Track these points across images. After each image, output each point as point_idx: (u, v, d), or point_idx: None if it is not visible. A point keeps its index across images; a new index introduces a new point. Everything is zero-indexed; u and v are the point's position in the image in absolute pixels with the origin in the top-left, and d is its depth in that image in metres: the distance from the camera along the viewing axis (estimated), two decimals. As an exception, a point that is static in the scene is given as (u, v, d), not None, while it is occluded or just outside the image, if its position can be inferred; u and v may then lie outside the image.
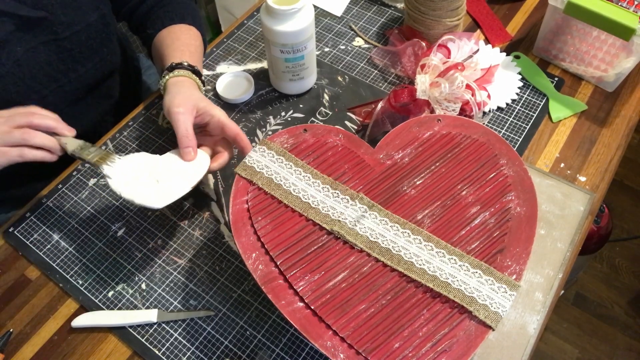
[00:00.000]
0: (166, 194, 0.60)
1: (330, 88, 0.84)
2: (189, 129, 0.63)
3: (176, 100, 0.64)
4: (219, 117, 0.65)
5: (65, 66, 0.73)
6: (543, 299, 0.62)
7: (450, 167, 0.61)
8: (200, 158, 0.64)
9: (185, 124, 0.63)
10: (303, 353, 0.60)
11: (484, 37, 0.89)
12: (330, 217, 0.57)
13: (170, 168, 0.63)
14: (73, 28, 0.71)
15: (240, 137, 0.65)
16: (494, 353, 0.59)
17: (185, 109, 0.63)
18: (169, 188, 0.61)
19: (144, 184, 0.61)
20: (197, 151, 0.64)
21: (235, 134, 0.65)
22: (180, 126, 0.62)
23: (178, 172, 0.62)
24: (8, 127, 0.59)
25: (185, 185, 0.61)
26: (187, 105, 0.63)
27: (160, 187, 0.61)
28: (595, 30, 0.76)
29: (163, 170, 0.62)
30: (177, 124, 0.63)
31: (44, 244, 0.69)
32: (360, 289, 0.53)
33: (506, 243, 0.55)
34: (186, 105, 0.63)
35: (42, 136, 0.61)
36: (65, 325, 0.63)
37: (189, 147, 0.63)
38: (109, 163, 0.62)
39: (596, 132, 0.77)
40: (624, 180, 1.75)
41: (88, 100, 0.80)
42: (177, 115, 0.62)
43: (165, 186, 0.61)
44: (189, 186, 0.61)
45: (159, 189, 0.60)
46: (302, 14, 0.71)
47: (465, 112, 0.73)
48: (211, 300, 0.64)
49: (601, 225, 1.29)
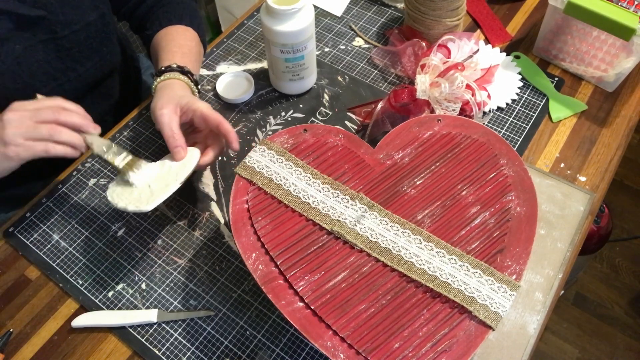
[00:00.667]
0: (154, 195, 0.60)
1: (330, 88, 0.84)
2: (174, 128, 0.63)
3: (159, 103, 0.64)
4: (201, 110, 0.64)
5: (64, 65, 0.73)
6: (543, 299, 0.62)
7: (450, 167, 0.61)
8: (190, 155, 0.64)
9: (170, 124, 0.62)
10: (303, 353, 0.60)
11: (484, 37, 0.89)
12: (330, 217, 0.57)
13: (160, 171, 0.63)
14: (72, 27, 0.71)
15: (222, 125, 0.64)
16: (494, 353, 0.59)
17: (168, 110, 0.63)
18: (158, 190, 0.61)
19: (137, 190, 0.61)
20: (187, 149, 0.64)
21: (217, 123, 0.64)
22: (164, 128, 0.63)
23: (168, 172, 0.63)
24: (34, 121, 0.58)
25: (173, 183, 0.61)
26: (169, 106, 0.63)
27: (151, 190, 0.61)
28: (595, 30, 0.76)
29: (154, 175, 0.63)
30: (162, 126, 0.63)
31: (44, 244, 0.69)
32: (360, 289, 0.53)
33: (506, 243, 0.55)
34: (169, 106, 0.63)
35: (68, 133, 0.59)
36: (65, 325, 0.63)
37: (177, 147, 0.63)
38: (136, 170, 0.62)
39: (596, 132, 0.77)
40: (624, 180, 1.75)
41: (88, 100, 0.80)
42: (161, 118, 0.63)
43: (155, 188, 0.61)
44: (176, 183, 0.61)
45: (150, 191, 0.61)
46: (302, 14, 0.71)
47: (465, 112, 0.73)
48: (211, 300, 0.64)
49: (601, 225, 1.29)
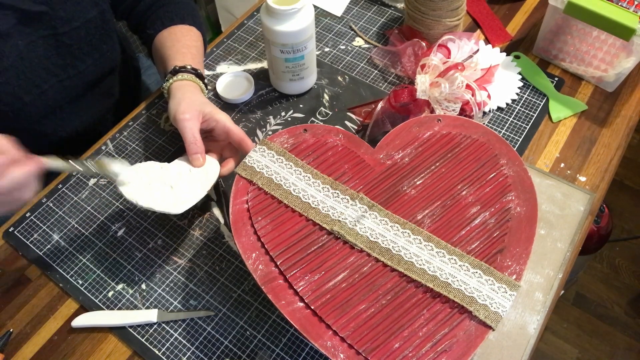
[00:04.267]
0: (183, 199, 0.60)
1: (330, 88, 0.84)
2: (196, 135, 0.63)
3: (181, 107, 0.64)
4: (224, 123, 0.65)
5: (63, 61, 0.73)
6: (543, 299, 0.62)
7: (450, 167, 0.61)
8: (210, 163, 0.65)
9: (192, 130, 0.63)
10: (303, 353, 0.60)
11: (484, 37, 0.89)
12: (330, 217, 0.57)
13: (181, 174, 0.63)
14: (72, 24, 0.71)
15: (245, 142, 0.65)
16: (494, 353, 0.59)
17: (191, 115, 0.63)
18: (184, 194, 0.61)
19: (159, 191, 0.61)
20: (205, 157, 0.64)
21: (240, 139, 0.65)
22: (187, 133, 0.63)
23: (190, 178, 0.63)
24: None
25: (200, 190, 0.62)
26: (192, 112, 0.64)
27: (175, 193, 0.61)
28: (595, 30, 0.76)
29: (175, 177, 0.63)
30: (184, 131, 0.63)
31: (44, 244, 0.69)
32: (360, 289, 0.53)
33: (506, 243, 0.55)
34: (192, 112, 0.63)
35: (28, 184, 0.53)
36: (65, 325, 0.63)
37: (197, 154, 0.63)
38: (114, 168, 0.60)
39: (596, 132, 0.77)
40: (624, 180, 1.75)
41: (88, 98, 0.80)
42: (183, 122, 0.63)
43: (179, 192, 0.61)
44: (203, 191, 0.62)
45: (175, 194, 0.61)
46: (302, 14, 0.71)
47: (465, 112, 0.73)
48: (211, 300, 0.64)
49: (601, 225, 1.29)
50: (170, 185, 0.61)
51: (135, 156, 0.77)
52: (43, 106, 0.73)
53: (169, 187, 0.61)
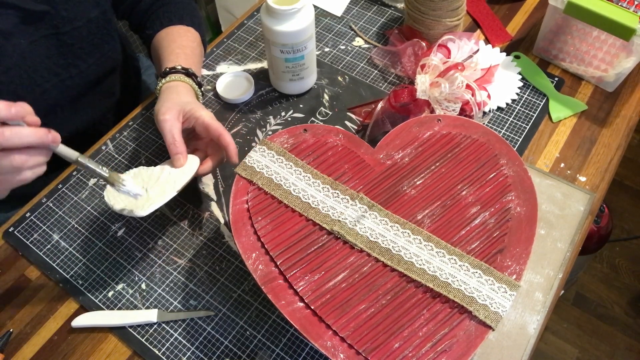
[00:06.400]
0: (151, 201, 0.60)
1: (330, 88, 0.84)
2: (176, 135, 0.63)
3: (162, 108, 0.64)
4: (204, 119, 0.64)
5: (65, 61, 0.73)
6: (543, 299, 0.62)
7: (450, 167, 0.61)
8: (189, 163, 0.64)
9: (172, 131, 0.63)
10: (303, 353, 0.60)
11: (484, 37, 0.89)
12: (330, 217, 0.57)
13: (159, 176, 0.63)
14: (74, 23, 0.71)
15: (223, 137, 0.64)
16: (494, 353, 0.59)
17: (171, 116, 0.63)
18: (155, 196, 0.61)
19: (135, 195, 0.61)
20: (187, 157, 0.64)
21: (219, 134, 0.64)
22: (166, 134, 0.63)
23: (167, 178, 0.63)
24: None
25: (171, 191, 0.61)
26: (172, 112, 0.63)
27: (149, 195, 0.61)
28: (595, 30, 0.76)
29: (153, 180, 0.63)
30: (163, 132, 0.63)
31: (44, 244, 0.69)
32: (360, 289, 0.53)
33: (506, 243, 0.55)
34: (172, 112, 0.63)
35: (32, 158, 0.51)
36: (65, 325, 0.63)
37: (177, 154, 0.63)
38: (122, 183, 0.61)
39: (596, 132, 0.77)
40: (624, 180, 1.75)
41: (89, 97, 0.80)
42: (163, 124, 0.63)
43: (152, 194, 0.61)
44: (174, 191, 0.61)
45: (148, 197, 0.61)
46: (302, 14, 0.71)
47: (465, 112, 0.73)
48: (211, 300, 0.64)
49: (601, 225, 1.29)
50: (146, 188, 0.62)
51: (135, 156, 0.77)
52: (44, 105, 0.73)
53: (144, 190, 0.61)
